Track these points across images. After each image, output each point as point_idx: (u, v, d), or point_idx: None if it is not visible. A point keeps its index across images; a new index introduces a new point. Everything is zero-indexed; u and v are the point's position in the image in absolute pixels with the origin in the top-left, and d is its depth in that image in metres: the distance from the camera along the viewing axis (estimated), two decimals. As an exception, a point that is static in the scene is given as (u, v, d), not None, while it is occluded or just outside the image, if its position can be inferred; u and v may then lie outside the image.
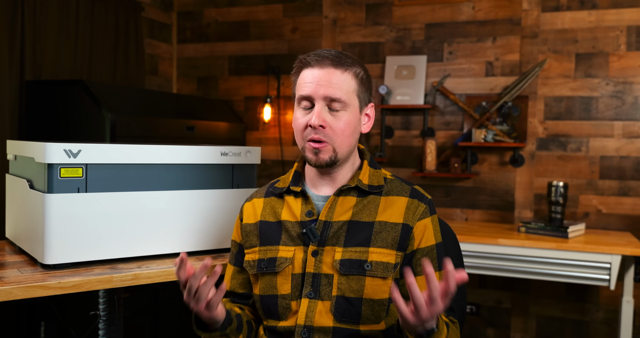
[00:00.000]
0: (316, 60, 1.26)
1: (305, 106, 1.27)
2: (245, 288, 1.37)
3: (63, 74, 2.99)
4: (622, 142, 2.99)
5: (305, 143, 1.27)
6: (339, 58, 1.26)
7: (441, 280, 1.02)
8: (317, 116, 1.23)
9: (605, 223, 3.03)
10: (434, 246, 1.28)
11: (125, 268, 1.43)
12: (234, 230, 1.42)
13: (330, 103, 1.25)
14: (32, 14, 2.81)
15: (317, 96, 1.24)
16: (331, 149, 1.26)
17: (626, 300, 2.62)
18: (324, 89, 1.24)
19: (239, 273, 1.38)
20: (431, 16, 3.32)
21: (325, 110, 1.25)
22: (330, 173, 1.31)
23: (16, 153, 1.60)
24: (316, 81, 1.25)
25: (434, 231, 1.29)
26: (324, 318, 1.22)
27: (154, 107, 2.96)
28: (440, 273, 1.27)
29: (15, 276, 1.32)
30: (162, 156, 1.52)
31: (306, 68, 1.28)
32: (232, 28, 3.78)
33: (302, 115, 1.27)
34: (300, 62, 1.30)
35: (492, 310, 3.25)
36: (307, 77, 1.27)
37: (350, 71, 1.26)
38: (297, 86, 1.30)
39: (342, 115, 1.25)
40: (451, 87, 3.29)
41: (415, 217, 1.27)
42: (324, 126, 1.24)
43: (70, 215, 1.38)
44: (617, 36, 2.98)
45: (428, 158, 3.18)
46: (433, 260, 1.27)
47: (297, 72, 1.31)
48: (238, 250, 1.38)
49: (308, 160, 1.28)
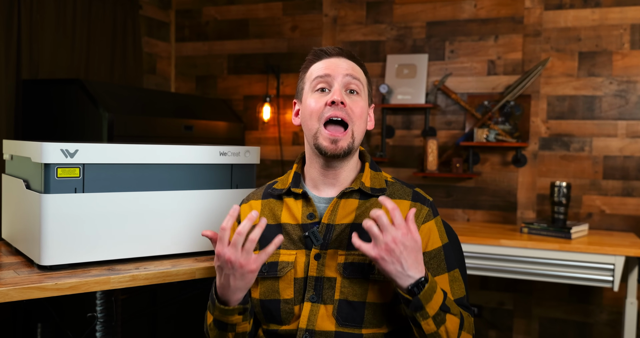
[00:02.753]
0: (333, 50, 1.29)
1: (322, 88, 1.26)
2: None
3: (60, 73, 2.99)
4: (626, 142, 2.99)
5: (320, 126, 1.24)
6: (352, 54, 1.31)
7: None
8: (339, 93, 1.24)
9: (609, 224, 3.03)
10: (441, 248, 1.27)
11: (122, 269, 1.43)
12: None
13: (348, 84, 1.26)
14: (28, 12, 2.81)
15: (336, 75, 1.26)
16: (350, 134, 1.25)
17: (630, 302, 2.62)
18: (343, 69, 1.26)
19: None
20: (432, 14, 3.32)
21: (343, 92, 1.26)
22: (336, 169, 1.29)
23: (12, 153, 1.60)
24: (334, 65, 1.27)
25: (439, 233, 1.29)
26: (326, 322, 1.22)
27: (152, 107, 2.96)
28: (449, 273, 1.26)
29: (11, 277, 1.32)
30: (160, 156, 1.52)
31: (320, 59, 1.29)
32: (231, 26, 3.78)
33: (318, 98, 1.26)
34: (313, 54, 1.31)
35: (494, 311, 3.25)
36: (324, 63, 1.28)
37: (362, 69, 1.32)
38: (309, 75, 1.30)
39: (358, 99, 1.27)
40: (453, 86, 3.29)
41: (419, 221, 1.27)
42: (345, 103, 1.24)
43: (67, 216, 1.38)
44: (620, 35, 2.98)
45: (429, 157, 3.18)
46: (441, 261, 1.26)
47: (309, 65, 1.31)
48: None
49: (323, 149, 1.24)
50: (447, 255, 1.28)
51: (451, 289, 1.25)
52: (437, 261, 1.26)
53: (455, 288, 1.26)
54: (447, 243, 1.30)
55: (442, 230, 1.30)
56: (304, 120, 1.30)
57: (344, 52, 1.30)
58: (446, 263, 1.27)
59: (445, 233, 1.31)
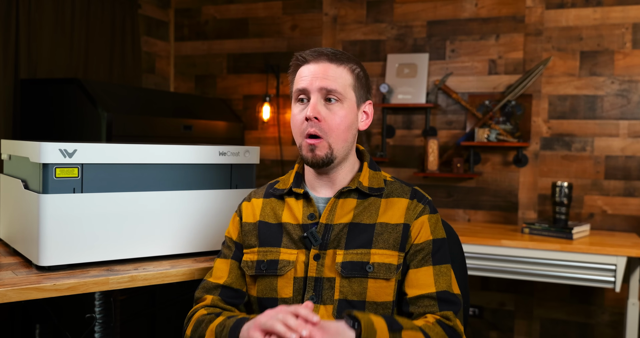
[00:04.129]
0: (312, 55, 1.29)
1: (301, 100, 1.29)
2: (241, 286, 1.34)
3: (58, 73, 2.99)
4: (628, 141, 2.99)
5: (302, 139, 1.27)
6: (334, 54, 1.29)
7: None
8: (312, 108, 1.24)
9: (611, 224, 3.03)
10: (430, 242, 1.27)
11: (121, 269, 1.43)
12: (231, 226, 1.40)
13: (326, 96, 1.26)
14: (26, 11, 2.81)
15: (312, 88, 1.26)
16: (327, 146, 1.26)
17: (632, 303, 2.62)
18: (319, 81, 1.25)
19: (238, 268, 1.35)
20: (433, 13, 3.32)
21: (321, 103, 1.26)
22: (329, 174, 1.31)
23: (11, 153, 1.60)
24: (312, 75, 1.26)
25: (432, 228, 1.28)
26: None
27: (151, 106, 2.96)
28: (435, 267, 1.25)
29: (9, 278, 1.32)
30: (159, 156, 1.52)
31: (302, 65, 1.30)
32: (231, 25, 3.78)
33: (299, 111, 1.29)
34: (296, 60, 1.32)
35: (496, 312, 3.25)
36: (303, 72, 1.28)
37: (345, 66, 1.29)
38: (294, 83, 1.32)
39: (338, 109, 1.26)
40: (453, 85, 3.29)
41: (413, 215, 1.28)
42: (319, 118, 1.24)
43: (66, 216, 1.38)
44: (622, 34, 2.99)
45: (430, 157, 3.19)
46: (427, 255, 1.25)
47: (294, 70, 1.33)
48: (236, 246, 1.37)
49: (304, 159, 1.28)
50: (437, 250, 1.27)
51: (435, 282, 1.24)
52: (422, 254, 1.26)
53: (441, 281, 1.24)
54: (441, 239, 1.29)
55: (437, 226, 1.30)
56: (292, 130, 1.32)
57: (323, 54, 1.28)
58: (433, 257, 1.26)
59: (442, 230, 1.31)
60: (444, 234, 1.31)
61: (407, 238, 1.26)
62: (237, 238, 1.37)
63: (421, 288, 1.23)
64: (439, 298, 1.23)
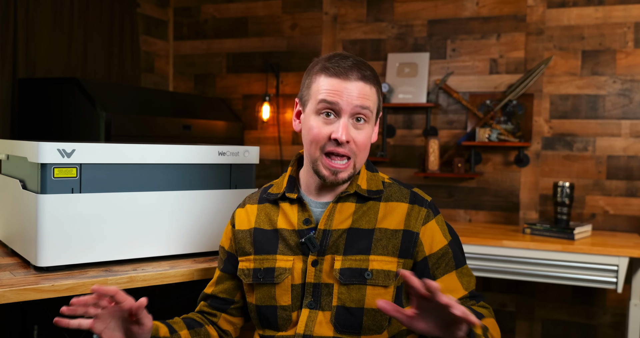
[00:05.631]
0: (344, 69, 1.21)
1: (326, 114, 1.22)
2: (229, 295, 1.36)
3: (56, 72, 2.99)
4: (630, 141, 2.99)
5: (321, 156, 1.23)
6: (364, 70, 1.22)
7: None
8: (345, 130, 1.20)
9: (613, 225, 3.03)
10: (447, 247, 1.27)
11: (120, 270, 1.43)
12: (224, 235, 1.40)
13: (356, 114, 1.22)
14: (24, 10, 2.81)
15: (345, 105, 1.20)
16: (352, 166, 1.24)
17: (634, 304, 2.62)
18: (355, 99, 1.20)
19: (226, 279, 1.36)
20: (434, 12, 3.32)
21: (350, 124, 1.22)
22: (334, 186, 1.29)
23: (9, 153, 1.60)
24: (345, 90, 1.20)
25: (442, 231, 1.28)
26: (324, 328, 1.21)
27: (149, 106, 2.96)
28: (458, 270, 1.27)
29: (7, 278, 1.32)
30: (158, 156, 1.52)
31: (330, 76, 1.22)
32: (230, 24, 3.78)
33: (322, 124, 1.22)
34: (323, 68, 1.23)
35: (497, 313, 3.25)
36: (331, 84, 1.21)
37: (375, 87, 1.25)
38: (314, 89, 1.24)
39: (364, 129, 1.23)
40: (454, 85, 3.29)
41: (418, 223, 1.25)
42: (350, 141, 1.21)
43: (64, 216, 1.38)
44: (624, 33, 2.99)
45: (431, 157, 3.19)
46: (450, 260, 1.26)
47: (317, 75, 1.24)
48: (227, 256, 1.37)
49: (322, 176, 1.23)
50: (454, 253, 1.28)
51: (461, 284, 1.26)
52: (445, 260, 1.25)
53: (465, 282, 1.26)
54: (452, 240, 1.29)
55: (445, 228, 1.30)
56: (305, 139, 1.27)
57: (358, 68, 1.21)
58: (454, 260, 1.27)
59: (449, 231, 1.31)
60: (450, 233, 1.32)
61: (414, 246, 1.24)
62: (229, 248, 1.37)
63: (454, 293, 1.25)
64: (471, 296, 1.26)
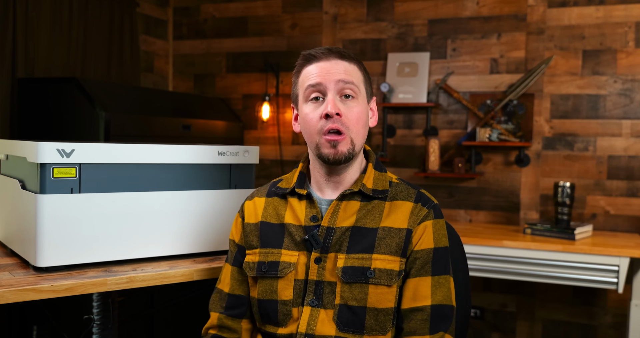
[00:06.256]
0: (322, 53, 1.26)
1: (315, 97, 1.25)
2: (244, 291, 1.34)
3: (56, 72, 2.99)
4: (631, 141, 2.99)
5: (320, 137, 1.24)
6: (343, 52, 1.28)
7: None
8: (332, 104, 1.22)
9: (613, 225, 3.03)
10: (431, 251, 1.23)
11: (120, 270, 1.43)
12: (233, 228, 1.39)
13: (342, 90, 1.24)
14: (24, 9, 2.81)
15: (328, 83, 1.24)
16: (349, 141, 1.24)
17: (635, 304, 2.62)
18: (336, 75, 1.24)
19: (238, 274, 1.35)
20: (434, 12, 3.32)
21: (337, 99, 1.24)
22: (339, 174, 1.29)
23: (8, 153, 1.60)
24: (325, 70, 1.25)
25: (435, 235, 1.25)
26: (326, 327, 1.21)
27: (149, 106, 2.96)
28: (434, 278, 1.22)
29: (6, 279, 1.32)
30: (157, 156, 1.52)
31: (310, 63, 1.27)
32: (230, 24, 3.78)
33: (313, 109, 1.26)
34: (303, 59, 1.29)
35: (497, 314, 3.25)
36: (313, 69, 1.26)
37: (355, 63, 1.28)
38: (301, 81, 1.29)
39: (354, 105, 1.25)
40: (455, 85, 3.29)
41: (417, 220, 1.25)
42: (340, 114, 1.23)
43: (64, 216, 1.38)
44: (625, 32, 2.99)
45: (431, 157, 3.19)
46: (427, 264, 1.22)
47: (300, 69, 1.30)
48: (237, 250, 1.36)
49: (324, 156, 1.24)
50: (437, 259, 1.24)
51: (432, 294, 1.21)
52: (422, 263, 1.23)
53: (438, 293, 1.22)
54: (443, 247, 1.26)
55: (441, 234, 1.27)
56: (304, 130, 1.29)
57: (333, 51, 1.26)
58: (432, 266, 1.23)
59: (446, 237, 1.28)
60: (447, 242, 1.28)
61: (408, 243, 1.23)
62: (240, 241, 1.36)
63: (417, 299, 1.21)
64: (432, 312, 1.20)
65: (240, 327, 1.33)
